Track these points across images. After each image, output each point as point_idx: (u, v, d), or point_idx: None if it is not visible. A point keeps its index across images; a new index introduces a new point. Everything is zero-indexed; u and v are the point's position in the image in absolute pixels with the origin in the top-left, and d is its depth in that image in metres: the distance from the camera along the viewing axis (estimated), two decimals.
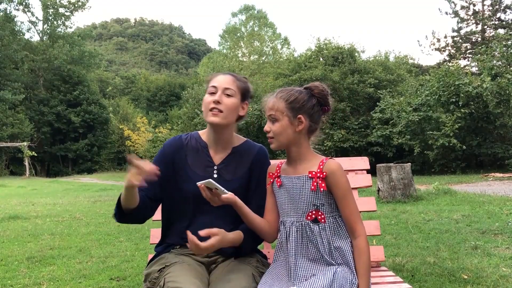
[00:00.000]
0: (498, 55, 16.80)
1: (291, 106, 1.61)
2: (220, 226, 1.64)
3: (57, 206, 9.13)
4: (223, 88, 1.75)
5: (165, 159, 1.83)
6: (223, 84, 1.76)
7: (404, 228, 5.00)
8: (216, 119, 1.73)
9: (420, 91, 17.26)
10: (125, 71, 71.81)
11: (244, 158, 1.83)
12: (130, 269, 3.66)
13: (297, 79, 20.69)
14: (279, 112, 1.61)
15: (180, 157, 1.83)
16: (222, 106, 1.73)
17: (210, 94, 1.77)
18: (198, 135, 1.89)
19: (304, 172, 1.62)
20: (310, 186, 1.59)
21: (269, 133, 1.64)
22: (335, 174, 1.58)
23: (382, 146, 18.43)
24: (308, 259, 1.59)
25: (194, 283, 1.54)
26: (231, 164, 1.82)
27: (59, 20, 38.35)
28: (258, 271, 1.70)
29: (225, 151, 1.84)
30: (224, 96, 1.75)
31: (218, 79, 1.79)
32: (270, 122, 1.64)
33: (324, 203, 1.60)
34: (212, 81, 1.81)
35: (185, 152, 1.83)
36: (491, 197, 7.32)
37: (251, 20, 42.78)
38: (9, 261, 4.06)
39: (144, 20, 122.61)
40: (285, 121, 1.61)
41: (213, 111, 1.73)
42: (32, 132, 33.01)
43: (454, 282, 2.92)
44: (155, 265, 1.73)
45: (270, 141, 1.65)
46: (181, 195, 1.79)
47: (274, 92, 1.69)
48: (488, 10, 27.11)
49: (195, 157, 1.83)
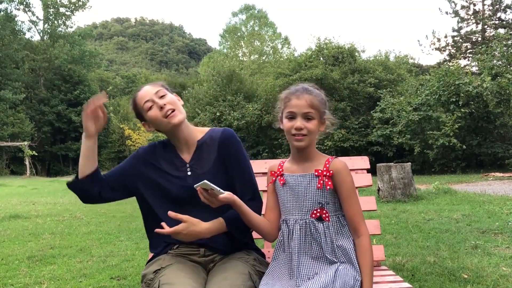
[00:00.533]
0: (498, 54, 16.79)
1: (323, 106, 1.64)
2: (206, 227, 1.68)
3: (57, 205, 9.14)
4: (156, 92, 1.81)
5: (135, 159, 1.87)
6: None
7: (404, 228, 5.01)
8: (174, 120, 1.76)
9: (420, 91, 17.26)
10: (125, 71, 71.83)
11: (210, 147, 1.83)
12: (130, 269, 3.67)
13: (298, 78, 20.67)
14: (316, 111, 1.61)
15: (153, 160, 1.85)
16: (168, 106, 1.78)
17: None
18: (167, 139, 1.91)
19: (310, 170, 1.62)
20: (316, 184, 1.59)
21: (301, 130, 1.59)
22: (341, 173, 1.59)
23: (382, 145, 18.44)
24: (311, 257, 1.59)
25: (189, 284, 1.55)
26: (201, 157, 1.83)
27: (60, 20, 38.33)
28: (255, 270, 1.70)
29: (191, 147, 1.85)
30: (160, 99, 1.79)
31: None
32: (303, 120, 1.59)
33: (329, 201, 1.60)
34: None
35: (157, 157, 1.86)
36: (491, 196, 7.32)
37: (251, 20, 42.76)
38: (10, 260, 4.07)
39: (144, 19, 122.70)
40: (318, 121, 1.62)
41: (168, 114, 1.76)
42: (33, 132, 33.01)
43: (454, 281, 2.92)
44: (151, 266, 1.74)
45: (300, 138, 1.59)
46: (161, 196, 1.81)
47: (296, 87, 1.66)
48: (489, 9, 27.12)
49: (167, 161, 1.85)
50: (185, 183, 1.77)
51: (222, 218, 1.69)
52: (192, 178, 1.77)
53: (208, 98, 24.42)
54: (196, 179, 1.65)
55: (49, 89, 36.93)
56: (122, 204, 8.97)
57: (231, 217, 1.70)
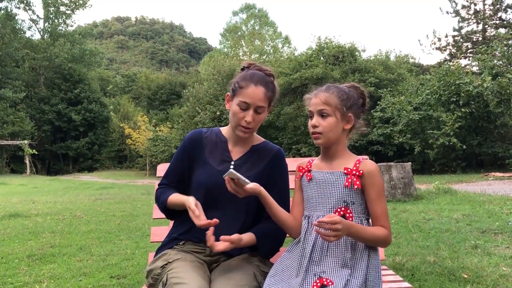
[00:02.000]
0: (499, 54, 16.79)
1: (344, 103, 1.61)
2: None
3: (57, 204, 9.14)
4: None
5: (185, 153, 1.87)
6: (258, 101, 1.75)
7: (404, 227, 5.01)
8: (243, 136, 1.77)
9: (421, 90, 17.26)
10: (125, 70, 71.85)
11: (262, 158, 1.83)
12: (130, 267, 3.67)
13: (298, 77, 20.69)
14: (332, 108, 1.60)
15: (199, 149, 1.85)
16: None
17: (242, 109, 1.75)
18: (219, 130, 1.92)
19: (339, 168, 1.61)
20: (344, 182, 1.58)
21: (317, 128, 1.61)
22: (372, 174, 1.57)
23: (383, 145, 18.45)
24: (324, 256, 1.55)
25: (197, 279, 1.54)
26: (249, 162, 1.83)
27: (60, 19, 38.32)
28: (260, 270, 1.69)
29: (244, 148, 1.85)
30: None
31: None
32: (319, 117, 1.61)
33: (354, 201, 1.58)
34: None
35: (203, 144, 1.86)
36: (492, 196, 7.32)
37: (252, 19, 42.75)
38: (10, 259, 4.07)
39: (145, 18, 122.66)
40: (336, 118, 1.60)
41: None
42: (33, 130, 33.03)
43: (454, 281, 2.91)
44: (157, 261, 1.73)
45: (316, 136, 1.62)
46: (194, 187, 1.81)
47: (320, 87, 1.67)
48: (489, 9, 27.10)
49: (213, 151, 1.85)
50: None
51: (254, 234, 1.70)
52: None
53: (209, 97, 24.42)
54: None
55: (49, 88, 36.93)
56: (122, 203, 8.98)
57: (262, 234, 1.72)
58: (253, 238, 1.69)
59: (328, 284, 1.46)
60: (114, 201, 9.55)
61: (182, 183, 1.86)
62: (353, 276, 1.50)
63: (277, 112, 21.76)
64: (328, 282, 1.46)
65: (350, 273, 1.50)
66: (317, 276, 1.50)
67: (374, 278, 1.54)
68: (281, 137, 21.91)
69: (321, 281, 1.47)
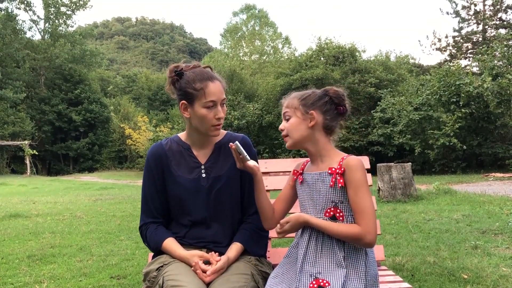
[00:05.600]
0: (499, 55, 16.76)
1: (303, 102, 1.64)
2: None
3: (58, 204, 9.14)
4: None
5: (152, 174, 1.83)
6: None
7: (404, 228, 5.01)
8: (217, 133, 1.79)
9: (421, 91, 17.25)
10: (126, 70, 71.78)
11: (228, 151, 1.81)
12: (130, 268, 3.67)
13: (298, 78, 20.69)
14: (292, 109, 1.65)
15: (165, 164, 1.82)
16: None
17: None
18: (179, 138, 1.88)
19: (326, 168, 1.61)
20: (329, 182, 1.57)
21: (283, 131, 1.67)
22: (351, 169, 1.54)
23: (383, 145, 18.44)
24: (319, 256, 1.55)
25: (193, 281, 1.55)
26: (218, 160, 1.82)
27: (61, 19, 38.33)
28: (258, 270, 1.70)
29: (209, 148, 1.84)
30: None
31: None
32: (284, 121, 1.68)
33: (343, 200, 1.56)
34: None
35: (168, 157, 1.82)
36: (492, 197, 7.32)
37: (252, 20, 42.72)
38: (10, 259, 4.07)
39: (145, 19, 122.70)
40: (298, 117, 1.63)
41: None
42: (33, 131, 33.05)
43: (454, 281, 2.92)
44: (153, 264, 1.74)
45: (285, 139, 1.68)
46: (171, 199, 1.81)
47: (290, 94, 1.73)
48: (489, 10, 27.09)
49: (179, 161, 1.82)
50: (198, 184, 1.78)
51: (239, 243, 1.74)
52: (206, 180, 1.78)
53: None
54: (210, 181, 1.71)
55: (49, 88, 36.96)
56: (122, 203, 8.98)
57: (244, 238, 1.76)
58: (240, 247, 1.73)
59: (325, 285, 1.45)
60: (115, 201, 9.55)
61: (164, 205, 1.83)
62: (352, 275, 1.50)
63: (277, 112, 21.76)
64: (325, 283, 1.46)
65: (347, 272, 1.49)
66: (313, 277, 1.50)
67: (372, 277, 1.54)
68: (281, 138, 21.91)
69: (318, 282, 1.47)
